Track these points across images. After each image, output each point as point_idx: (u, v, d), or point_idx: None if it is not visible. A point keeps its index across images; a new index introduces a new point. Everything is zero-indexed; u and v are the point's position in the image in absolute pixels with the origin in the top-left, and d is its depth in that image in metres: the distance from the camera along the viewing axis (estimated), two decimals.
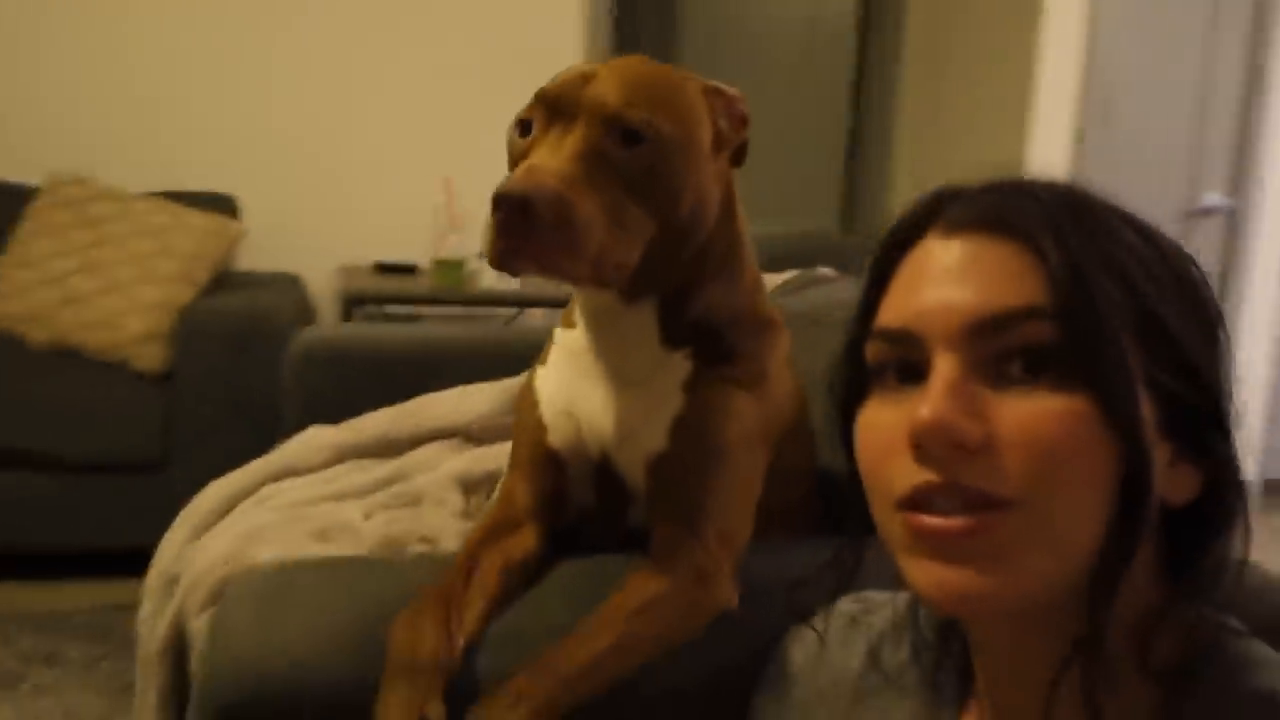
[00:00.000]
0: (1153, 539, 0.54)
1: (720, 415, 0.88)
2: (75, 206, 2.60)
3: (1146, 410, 0.52)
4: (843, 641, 0.72)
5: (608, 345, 0.91)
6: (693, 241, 0.87)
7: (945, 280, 0.55)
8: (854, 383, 0.60)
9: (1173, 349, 0.53)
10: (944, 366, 0.53)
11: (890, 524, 0.55)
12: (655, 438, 0.88)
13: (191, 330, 2.41)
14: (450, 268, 2.77)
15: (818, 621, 0.75)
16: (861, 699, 0.68)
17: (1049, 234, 0.53)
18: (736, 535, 0.86)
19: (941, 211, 0.57)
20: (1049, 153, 3.06)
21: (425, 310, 2.99)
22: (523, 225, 0.73)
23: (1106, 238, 0.54)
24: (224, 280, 2.80)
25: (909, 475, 0.53)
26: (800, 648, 0.75)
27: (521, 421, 0.96)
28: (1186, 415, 0.54)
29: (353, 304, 2.76)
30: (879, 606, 0.73)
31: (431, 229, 2.82)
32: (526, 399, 0.97)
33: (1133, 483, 0.51)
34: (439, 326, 2.77)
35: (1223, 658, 0.55)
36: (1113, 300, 0.52)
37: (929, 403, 0.52)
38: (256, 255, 3.15)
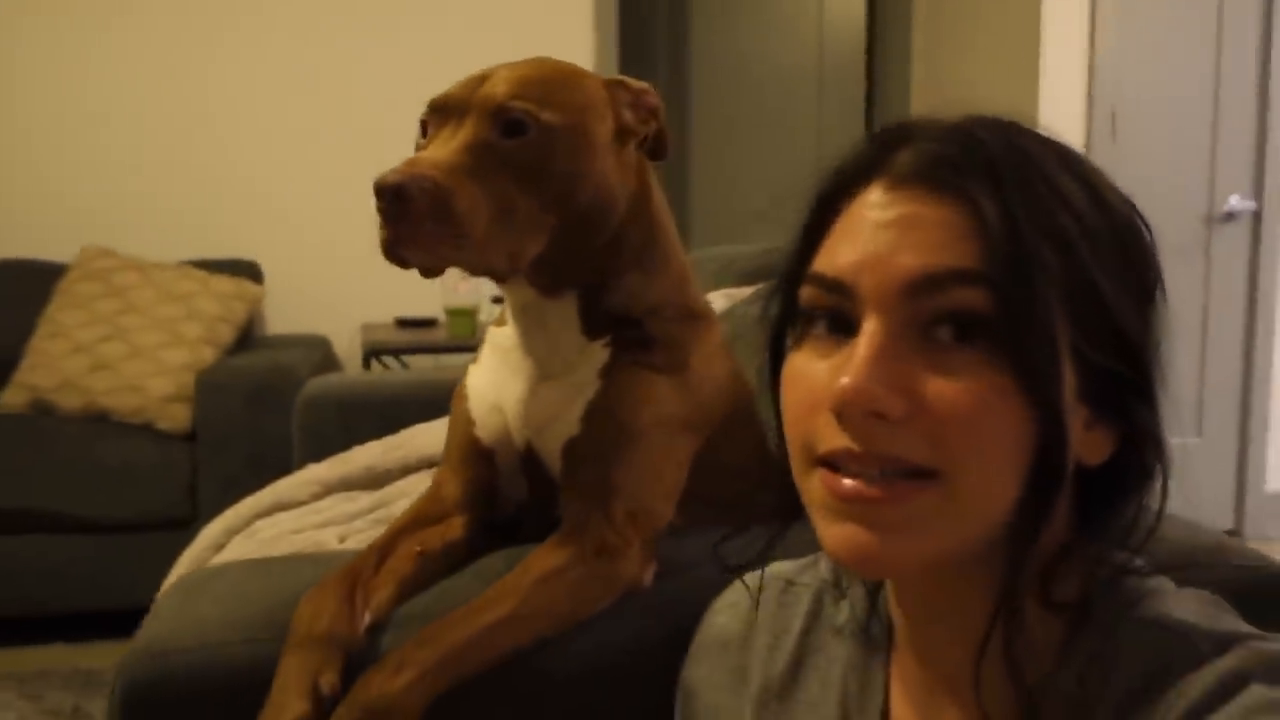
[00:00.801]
0: (1066, 492, 0.54)
1: (631, 398, 0.89)
2: (103, 277, 2.71)
3: (1068, 379, 0.52)
4: (780, 603, 0.71)
5: (533, 339, 0.93)
6: (601, 231, 0.89)
7: (884, 237, 0.54)
8: (784, 319, 0.60)
9: (1103, 317, 0.53)
10: (872, 329, 0.53)
11: (808, 479, 0.55)
12: (571, 423, 0.89)
13: (213, 389, 2.48)
14: (462, 315, 2.83)
15: (750, 585, 0.73)
16: (805, 656, 0.68)
17: (991, 196, 0.52)
18: (649, 514, 0.86)
19: (889, 160, 0.56)
20: None
21: (445, 359, 3.05)
22: (403, 214, 0.76)
23: (1051, 196, 0.53)
24: (253, 344, 2.90)
25: (829, 438, 0.53)
26: (732, 614, 0.75)
27: (453, 418, 0.99)
28: (1109, 381, 0.54)
29: (373, 358, 2.82)
30: (807, 567, 0.73)
31: (444, 279, 2.88)
32: (458, 395, 0.99)
33: (1048, 454, 0.52)
34: (441, 370, 2.82)
35: (1119, 591, 0.55)
36: (1048, 269, 0.51)
37: (852, 371, 0.51)
38: (285, 319, 3.25)
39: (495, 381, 0.96)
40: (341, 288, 3.26)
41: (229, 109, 3.22)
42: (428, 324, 3.08)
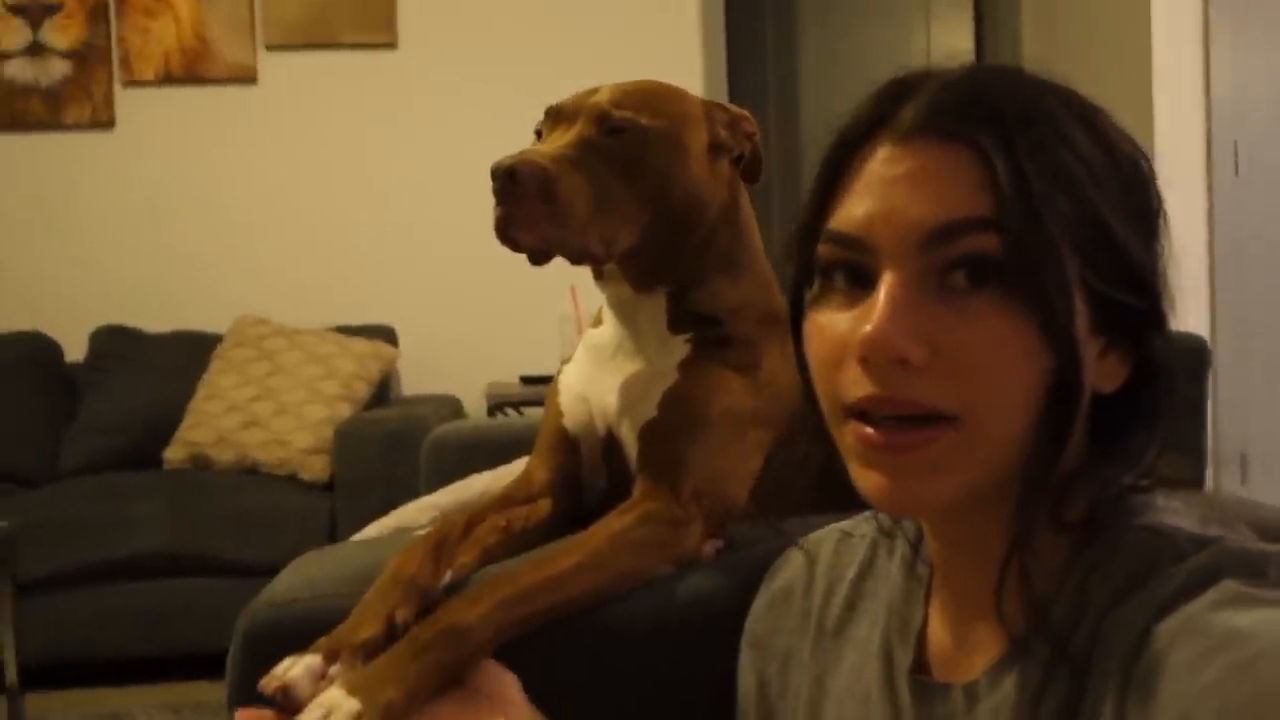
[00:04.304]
0: (1081, 419, 0.57)
1: (704, 389, 0.96)
2: (255, 343, 2.96)
3: (1082, 313, 0.54)
4: (837, 552, 0.75)
5: (624, 333, 1.02)
6: (691, 231, 0.97)
7: (896, 191, 0.56)
8: (801, 276, 0.62)
9: (1112, 252, 0.55)
10: (891, 281, 0.55)
11: (841, 430, 0.59)
12: (648, 409, 0.97)
13: (349, 441, 2.66)
14: None
15: (810, 541, 0.79)
16: (857, 600, 0.72)
17: (998, 144, 0.54)
18: (715, 495, 0.91)
19: (894, 114, 0.58)
20: (1181, 209, 2.97)
21: None
22: (513, 194, 0.87)
23: (1057, 141, 0.55)
24: (389, 403, 3.09)
25: (856, 387, 0.55)
26: (796, 567, 0.79)
27: (545, 410, 1.08)
28: (1120, 311, 0.57)
29: (497, 410, 2.97)
30: (865, 521, 0.76)
31: (562, 337, 3.02)
32: (551, 390, 1.08)
33: (1064, 388, 0.55)
34: None
35: (1123, 507, 0.57)
36: (1058, 212, 0.53)
37: (874, 320, 0.54)
38: (418, 381, 3.44)
39: (584, 375, 1.04)
40: (470, 350, 3.44)
41: (366, 192, 3.49)
42: (549, 380, 3.22)
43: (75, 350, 3.24)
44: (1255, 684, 0.44)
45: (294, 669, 0.75)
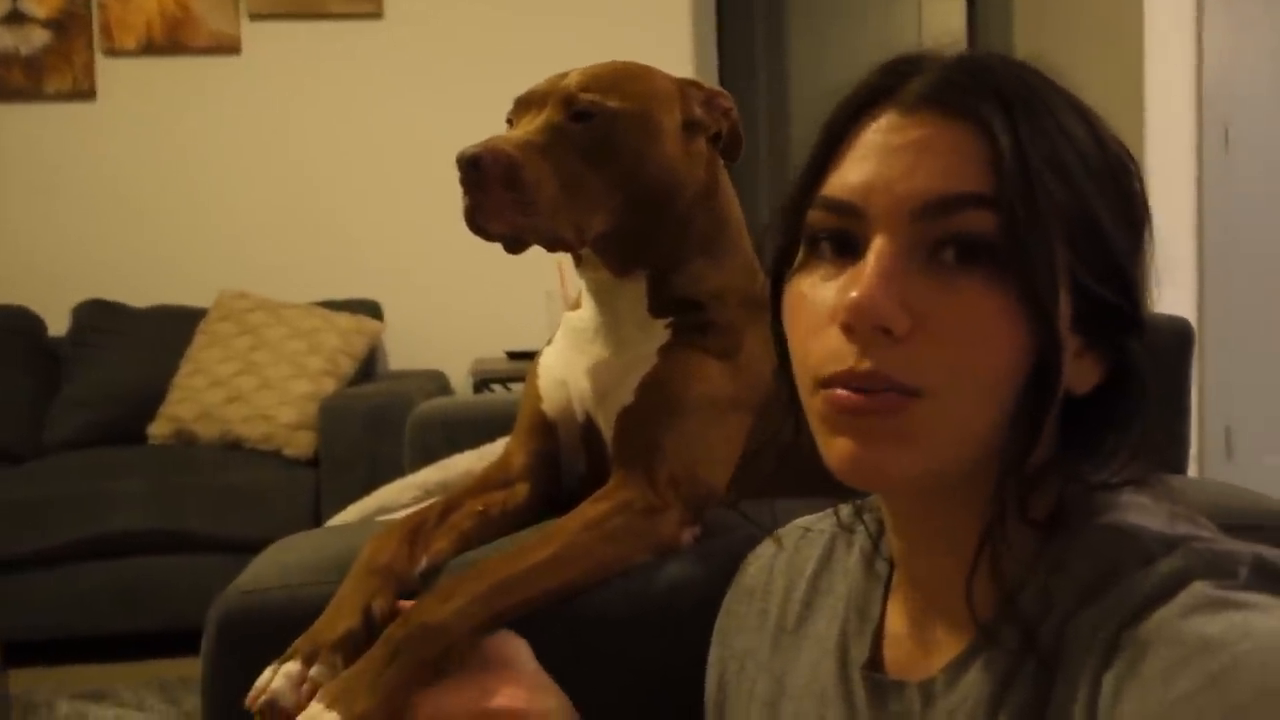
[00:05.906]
0: (1053, 416, 0.57)
1: (682, 374, 0.94)
2: (238, 318, 2.93)
3: (1064, 307, 0.54)
4: (797, 549, 0.75)
5: (603, 317, 1.00)
6: (667, 212, 0.96)
7: (896, 160, 0.55)
8: (787, 247, 0.61)
9: (1102, 250, 0.55)
10: (880, 248, 0.54)
11: (812, 400, 0.57)
12: (626, 394, 0.96)
13: (334, 416, 2.64)
14: None
15: (776, 536, 0.78)
16: (814, 597, 0.71)
17: (1002, 124, 0.54)
18: (692, 481, 0.90)
19: (901, 85, 0.57)
20: (1170, 187, 2.97)
21: None
22: (479, 182, 0.85)
23: (1057, 131, 0.55)
24: (375, 378, 3.07)
25: (833, 359, 0.55)
26: (759, 566, 0.79)
27: (524, 393, 1.06)
28: (1102, 311, 0.56)
29: (483, 387, 2.96)
30: (824, 517, 0.76)
31: (549, 313, 3.00)
32: (530, 373, 1.07)
33: (1042, 376, 0.54)
34: None
35: (1089, 504, 0.57)
36: (1053, 198, 0.53)
37: (862, 284, 0.53)
38: (404, 356, 3.43)
39: (563, 359, 1.03)
40: (457, 325, 3.43)
41: (351, 165, 3.45)
42: (534, 355, 3.20)
43: (57, 324, 3.21)
44: (1228, 695, 0.44)
45: (275, 680, 0.74)
